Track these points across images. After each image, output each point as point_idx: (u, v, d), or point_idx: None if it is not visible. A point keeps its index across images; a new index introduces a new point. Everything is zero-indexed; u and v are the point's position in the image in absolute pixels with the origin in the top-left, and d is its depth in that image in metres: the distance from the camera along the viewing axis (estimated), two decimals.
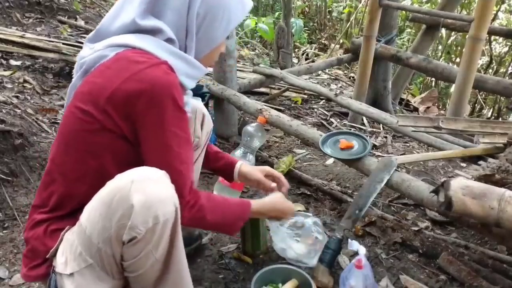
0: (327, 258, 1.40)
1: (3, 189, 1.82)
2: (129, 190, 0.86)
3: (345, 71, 4.88)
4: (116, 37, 1.00)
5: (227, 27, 1.07)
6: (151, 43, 0.98)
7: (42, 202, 1.05)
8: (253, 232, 1.51)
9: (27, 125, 2.12)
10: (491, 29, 2.81)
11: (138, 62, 0.93)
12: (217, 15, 1.03)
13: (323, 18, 6.42)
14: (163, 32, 0.99)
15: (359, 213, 1.48)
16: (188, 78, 1.05)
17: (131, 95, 0.92)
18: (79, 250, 0.93)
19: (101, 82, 0.95)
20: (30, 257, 1.04)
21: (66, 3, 3.96)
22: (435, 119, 1.64)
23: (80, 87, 1.00)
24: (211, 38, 1.07)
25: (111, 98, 0.93)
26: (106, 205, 0.87)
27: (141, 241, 0.89)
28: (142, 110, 0.93)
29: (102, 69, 0.97)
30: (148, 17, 1.00)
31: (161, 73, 0.94)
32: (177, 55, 1.01)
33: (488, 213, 1.06)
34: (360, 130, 2.94)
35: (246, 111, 2.24)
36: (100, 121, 0.95)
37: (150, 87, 0.92)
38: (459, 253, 1.56)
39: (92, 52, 1.00)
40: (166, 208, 0.89)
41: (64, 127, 1.03)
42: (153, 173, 0.92)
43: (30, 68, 2.87)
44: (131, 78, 0.92)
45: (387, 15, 3.04)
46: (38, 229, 1.02)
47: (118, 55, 0.96)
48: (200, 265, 1.52)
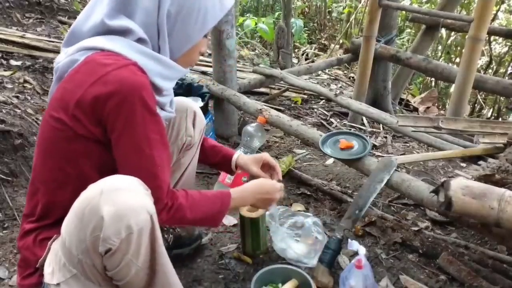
0: (327, 258, 1.40)
1: (3, 189, 1.82)
2: (98, 201, 0.84)
3: (345, 71, 4.88)
4: (86, 40, 0.97)
5: (203, 26, 1.03)
6: (120, 44, 0.95)
7: (30, 211, 1.05)
8: (253, 232, 1.51)
9: (27, 125, 2.12)
10: (491, 29, 2.82)
11: (105, 65, 0.91)
12: (191, 13, 0.99)
13: (323, 18, 6.42)
14: (133, 32, 0.96)
15: (359, 213, 1.48)
16: (163, 79, 1.02)
17: (99, 99, 0.90)
18: (62, 261, 0.92)
19: (70, 87, 0.93)
20: (23, 266, 1.05)
21: (66, 3, 3.96)
22: (435, 119, 1.64)
23: (54, 94, 0.99)
24: (186, 37, 1.03)
25: (79, 103, 0.91)
26: (78, 217, 0.86)
27: (117, 251, 0.87)
28: (111, 113, 0.91)
29: (72, 74, 0.95)
30: (118, 17, 0.96)
31: (128, 74, 0.91)
32: (148, 55, 0.98)
33: (488, 213, 1.06)
34: (360, 130, 2.94)
35: (246, 111, 2.24)
36: (72, 128, 0.93)
37: (117, 89, 0.89)
38: (459, 253, 1.56)
39: (65, 56, 0.98)
40: (139, 217, 0.87)
41: (41, 136, 1.01)
42: (123, 181, 0.89)
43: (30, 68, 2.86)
44: (98, 81, 0.90)
45: (387, 15, 3.04)
46: (28, 239, 1.02)
47: (87, 59, 0.94)
48: (200, 265, 1.52)
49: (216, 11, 1.04)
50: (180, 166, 1.44)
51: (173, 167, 1.42)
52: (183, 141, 1.38)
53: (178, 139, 1.37)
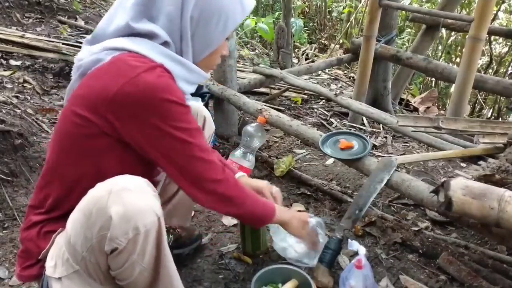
0: (327, 258, 1.40)
1: (3, 189, 1.82)
2: (106, 201, 0.85)
3: (345, 71, 4.88)
4: (112, 40, 0.99)
5: (224, 30, 1.04)
6: (146, 47, 0.97)
7: (38, 203, 1.04)
8: (253, 232, 1.51)
9: (27, 125, 2.12)
10: (491, 29, 2.81)
11: (134, 67, 0.92)
12: (212, 17, 1.01)
13: (323, 18, 6.42)
14: (159, 35, 0.98)
15: (359, 213, 1.48)
16: (186, 82, 1.04)
17: (130, 100, 0.91)
18: (66, 256, 0.92)
19: (98, 87, 0.94)
20: (24, 257, 1.05)
21: (66, 3, 3.96)
22: (435, 119, 1.64)
23: (76, 90, 1.00)
24: (208, 41, 1.05)
25: (110, 104, 0.92)
26: (86, 216, 0.86)
27: (123, 251, 0.88)
28: (144, 114, 0.93)
29: (98, 73, 0.96)
30: (143, 21, 0.98)
31: (157, 76, 0.93)
32: (173, 59, 1.00)
33: (488, 213, 1.06)
34: (360, 130, 2.94)
35: (246, 111, 2.24)
36: (97, 125, 0.94)
37: (148, 91, 0.91)
38: (459, 253, 1.56)
39: (89, 54, 0.99)
40: (147, 219, 0.88)
41: (60, 130, 1.02)
42: (132, 182, 0.90)
43: (30, 68, 2.87)
44: (128, 83, 0.91)
45: (387, 15, 3.04)
46: (32, 230, 1.03)
47: (114, 59, 0.95)
48: (200, 265, 1.52)
49: (237, 15, 1.05)
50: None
51: None
52: None
53: None
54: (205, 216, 1.82)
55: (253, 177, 2.13)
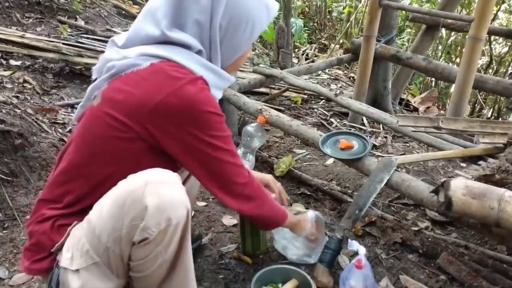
0: (327, 258, 1.40)
1: (3, 189, 1.81)
2: (143, 192, 0.88)
3: (345, 71, 4.88)
4: (148, 47, 1.00)
5: (251, 35, 1.07)
6: (184, 56, 0.99)
7: (54, 198, 1.04)
8: (253, 232, 1.51)
9: (27, 125, 2.12)
10: (491, 29, 2.82)
11: (176, 78, 0.95)
12: (240, 24, 1.03)
13: (323, 18, 6.42)
14: (193, 45, 1.00)
15: (359, 213, 1.48)
16: (217, 89, 1.08)
17: (172, 111, 0.94)
18: (86, 248, 0.93)
19: (139, 94, 0.95)
20: (34, 250, 1.04)
21: (66, 3, 3.96)
22: (435, 119, 1.64)
23: (109, 92, 1.00)
24: (236, 47, 1.08)
25: (152, 113, 0.94)
26: (119, 206, 0.88)
27: (152, 242, 0.90)
28: (184, 125, 0.96)
29: (137, 79, 0.97)
30: (174, 30, 1.00)
31: (198, 90, 0.96)
32: (208, 68, 1.02)
33: (488, 213, 1.06)
34: (360, 130, 2.94)
35: (246, 111, 2.24)
36: (135, 131, 0.96)
37: (190, 103, 0.94)
38: (459, 253, 1.56)
39: (121, 57, 1.00)
40: (179, 211, 0.91)
41: (88, 130, 1.02)
42: (166, 175, 0.93)
43: (30, 68, 2.87)
44: (171, 94, 0.93)
45: (387, 15, 3.04)
46: (45, 224, 1.02)
47: (154, 67, 0.97)
48: (200, 265, 1.52)
49: (263, 20, 1.07)
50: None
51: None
52: None
53: None
54: (205, 216, 1.82)
55: None
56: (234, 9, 1.01)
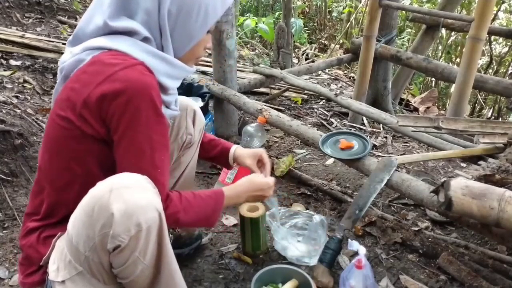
0: (327, 258, 1.40)
1: (3, 189, 1.82)
2: (108, 199, 0.85)
3: (345, 71, 4.88)
4: (91, 40, 0.98)
5: (204, 22, 1.02)
6: (126, 44, 0.95)
7: (34, 210, 1.05)
8: (253, 232, 1.51)
9: (27, 125, 2.12)
10: (491, 29, 2.81)
11: (113, 64, 0.91)
12: (191, 11, 0.99)
13: (323, 18, 6.42)
14: (138, 32, 0.96)
15: (359, 213, 1.48)
16: (169, 78, 1.02)
17: (105, 97, 0.90)
18: (68, 258, 0.92)
19: (77, 87, 0.93)
20: (25, 264, 1.05)
21: (66, 3, 3.96)
22: (435, 119, 1.64)
23: (59, 93, 0.99)
24: (189, 35, 1.03)
25: (86, 102, 0.91)
26: (88, 214, 0.86)
27: (126, 249, 0.88)
28: (116, 111, 0.91)
29: (78, 74, 0.95)
30: (120, 18, 0.97)
31: (136, 74, 0.91)
32: (154, 54, 0.98)
33: (488, 213, 1.06)
34: (360, 130, 2.94)
35: (246, 111, 2.24)
36: (79, 127, 0.93)
37: (124, 88, 0.89)
38: (459, 253, 1.56)
39: (71, 56, 0.98)
40: (148, 215, 0.88)
41: (46, 135, 1.01)
42: (132, 179, 0.90)
43: (30, 68, 2.86)
44: (105, 80, 0.90)
45: (387, 15, 3.04)
46: (31, 237, 1.02)
47: (94, 59, 0.94)
48: (200, 265, 1.52)
49: (217, 7, 1.03)
50: (180, 165, 1.44)
51: (173, 165, 1.42)
52: (183, 139, 1.38)
53: (178, 137, 1.37)
54: None
55: None
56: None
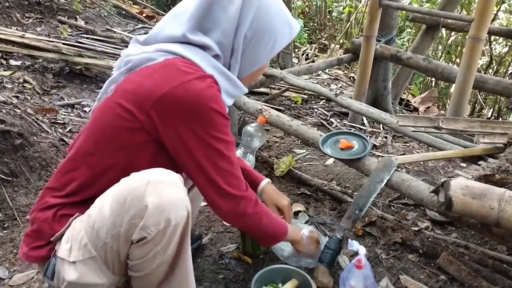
0: (327, 258, 1.40)
1: (3, 189, 1.82)
2: (144, 191, 0.88)
3: (345, 71, 4.88)
4: (166, 44, 1.02)
5: (272, 50, 1.09)
6: (199, 56, 1.00)
7: (59, 186, 1.04)
8: None
9: (27, 125, 2.12)
10: (491, 29, 2.81)
11: (187, 73, 0.96)
12: (263, 38, 1.05)
13: (323, 18, 6.42)
14: (211, 48, 1.02)
15: (359, 213, 1.48)
16: (228, 95, 1.08)
17: (178, 103, 0.94)
18: (84, 241, 0.94)
19: (148, 85, 0.96)
20: (34, 237, 1.04)
21: (66, 3, 3.97)
22: (435, 119, 1.64)
23: (123, 84, 1.01)
24: (255, 60, 1.09)
25: (157, 103, 0.94)
26: (119, 203, 0.89)
27: (150, 241, 0.90)
28: (187, 119, 0.96)
29: (149, 72, 0.98)
30: (197, 34, 1.02)
31: (206, 86, 0.96)
32: (221, 71, 1.03)
33: (488, 213, 1.06)
34: (360, 130, 2.94)
35: (246, 111, 2.24)
36: (140, 121, 0.96)
37: (196, 98, 0.94)
38: (459, 253, 1.56)
39: (140, 52, 1.02)
40: (179, 212, 0.91)
41: (99, 120, 1.03)
42: (168, 176, 0.94)
43: (30, 68, 2.87)
44: (179, 86, 0.94)
45: (387, 15, 3.04)
46: (48, 212, 1.03)
47: (167, 61, 0.98)
48: (200, 265, 1.52)
49: (285, 37, 1.10)
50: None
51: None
52: None
53: None
54: (205, 216, 1.82)
55: None
56: (260, 22, 1.03)
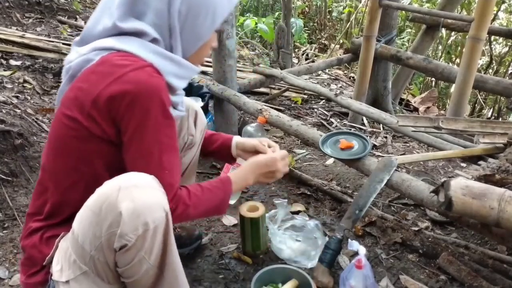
0: (327, 258, 1.40)
1: (3, 189, 1.82)
2: (116, 197, 0.85)
3: (345, 71, 4.88)
4: (100, 41, 0.98)
5: (213, 22, 1.03)
6: (135, 45, 0.96)
7: (36, 210, 1.04)
8: (253, 232, 1.51)
9: (27, 125, 2.12)
10: (491, 29, 2.81)
11: (123, 66, 0.91)
12: (200, 11, 0.99)
13: (323, 18, 6.42)
14: (147, 33, 0.97)
15: (359, 213, 1.48)
16: (177, 78, 1.03)
17: (115, 98, 0.90)
18: (73, 258, 0.92)
19: (86, 87, 0.93)
20: (28, 264, 1.05)
21: (66, 3, 3.96)
22: (435, 119, 1.64)
23: (67, 93, 0.99)
24: (197, 35, 1.03)
25: (95, 102, 0.91)
26: (95, 213, 0.87)
27: (132, 248, 0.88)
28: (126, 113, 0.91)
29: (87, 74, 0.95)
30: (129, 19, 0.97)
31: (145, 76, 0.91)
32: (163, 55, 0.98)
33: (488, 213, 1.06)
34: (360, 130, 2.94)
35: (246, 111, 2.24)
36: (86, 127, 0.93)
37: (134, 89, 0.90)
38: (459, 253, 1.56)
39: (78, 56, 0.99)
40: (156, 214, 0.88)
41: (52, 134, 1.02)
42: (141, 178, 0.90)
43: (30, 68, 2.86)
44: (115, 81, 0.90)
45: (387, 15, 3.04)
46: (34, 237, 1.02)
47: (103, 59, 0.94)
48: (200, 265, 1.52)
49: (224, 6, 1.04)
50: (181, 165, 1.44)
51: None
52: (184, 140, 1.38)
53: (180, 138, 1.37)
54: None
55: None
56: None
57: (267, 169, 1.23)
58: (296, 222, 1.66)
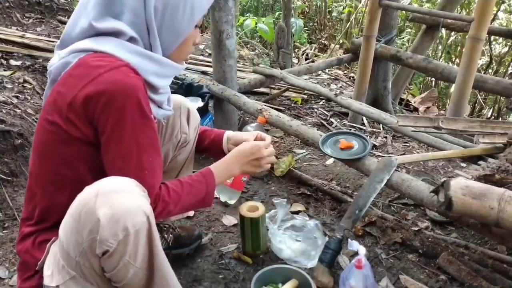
0: (327, 258, 1.40)
1: (3, 189, 1.82)
2: (94, 203, 0.84)
3: (345, 71, 4.88)
4: (78, 43, 0.97)
5: (191, 17, 1.01)
6: (112, 45, 0.94)
7: (28, 215, 1.05)
8: (253, 232, 1.51)
9: (27, 125, 2.12)
10: (491, 29, 2.81)
11: (98, 66, 0.90)
12: (177, 6, 0.97)
13: (323, 18, 6.42)
14: (124, 32, 0.95)
15: (359, 213, 1.48)
16: (158, 77, 1.01)
17: (91, 99, 0.89)
18: (61, 263, 0.92)
19: (63, 91, 0.93)
20: (22, 269, 1.05)
21: (66, 3, 3.96)
22: (435, 119, 1.64)
23: (48, 98, 0.99)
24: (176, 32, 1.01)
25: (71, 105, 0.91)
26: (76, 220, 0.86)
27: (115, 253, 0.87)
28: (102, 113, 0.90)
29: (65, 77, 0.95)
30: (106, 19, 0.96)
31: (121, 76, 0.90)
32: (141, 54, 0.97)
33: (488, 213, 1.06)
34: (360, 130, 2.94)
35: (246, 111, 2.24)
36: (66, 130, 0.93)
37: (109, 90, 0.89)
38: (459, 253, 1.56)
39: (58, 59, 0.98)
40: (135, 219, 0.87)
41: (36, 140, 1.02)
42: (120, 183, 0.90)
43: (30, 68, 2.86)
44: (90, 82, 0.89)
45: (387, 15, 3.04)
46: (26, 242, 1.03)
47: (80, 61, 0.94)
48: (200, 265, 1.52)
49: (203, 1, 1.02)
50: (177, 164, 1.44)
51: (170, 165, 1.42)
52: (178, 138, 1.38)
53: (173, 137, 1.37)
54: (205, 216, 1.82)
55: (253, 177, 2.14)
56: None
57: (252, 156, 1.22)
58: (296, 222, 1.66)
